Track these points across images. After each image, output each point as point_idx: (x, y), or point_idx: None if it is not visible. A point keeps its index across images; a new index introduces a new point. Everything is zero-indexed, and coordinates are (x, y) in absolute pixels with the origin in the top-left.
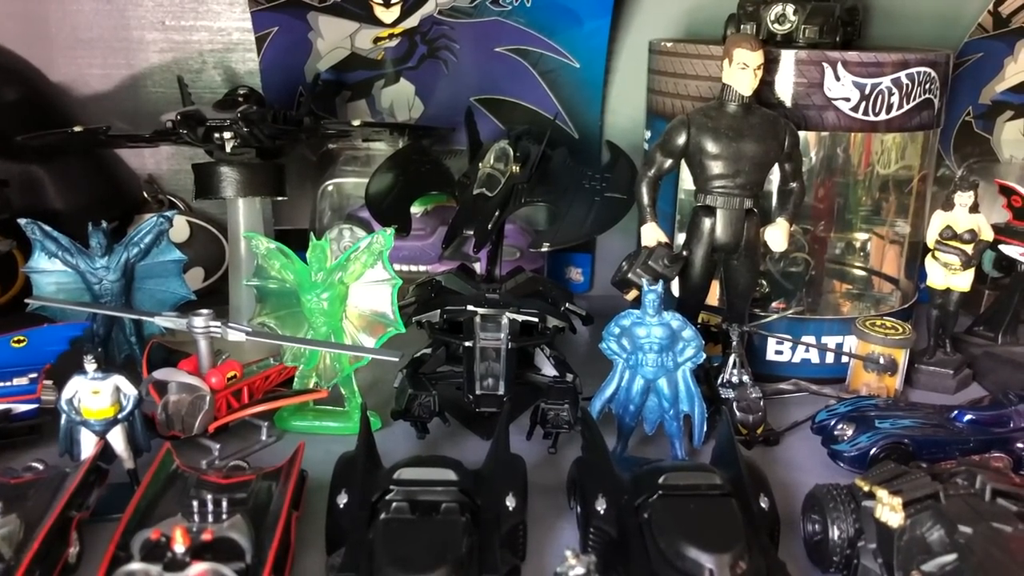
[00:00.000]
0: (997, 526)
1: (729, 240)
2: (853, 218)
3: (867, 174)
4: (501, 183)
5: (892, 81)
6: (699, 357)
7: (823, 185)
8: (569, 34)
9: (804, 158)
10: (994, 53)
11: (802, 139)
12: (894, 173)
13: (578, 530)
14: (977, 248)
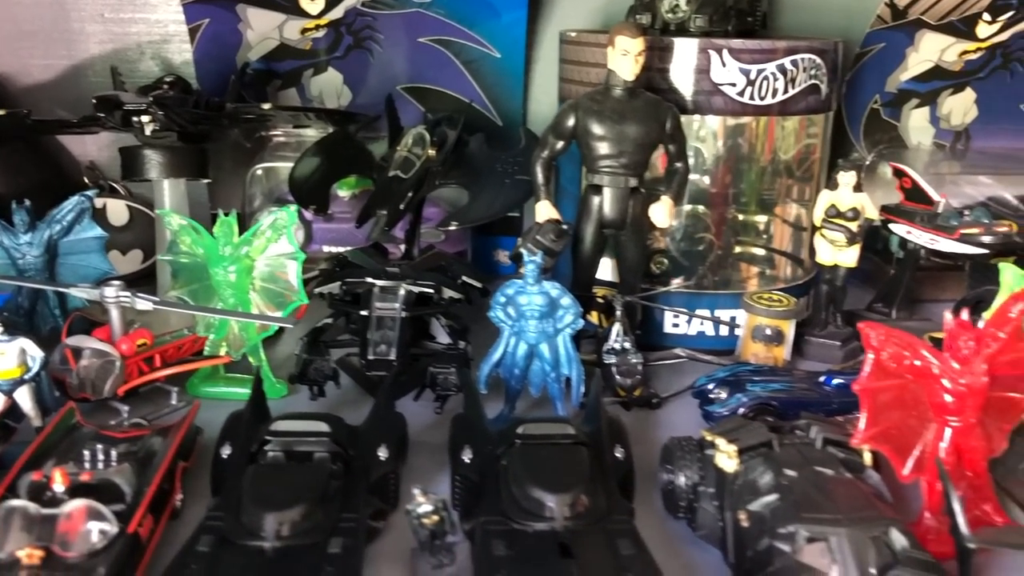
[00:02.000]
0: (820, 470)
1: (616, 217)
2: (754, 200)
3: (769, 158)
4: (416, 166)
5: (777, 67)
6: (577, 323)
7: (727, 168)
8: (488, 25)
9: (712, 144)
10: (895, 43)
11: (709, 125)
12: (793, 156)
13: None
14: (862, 226)
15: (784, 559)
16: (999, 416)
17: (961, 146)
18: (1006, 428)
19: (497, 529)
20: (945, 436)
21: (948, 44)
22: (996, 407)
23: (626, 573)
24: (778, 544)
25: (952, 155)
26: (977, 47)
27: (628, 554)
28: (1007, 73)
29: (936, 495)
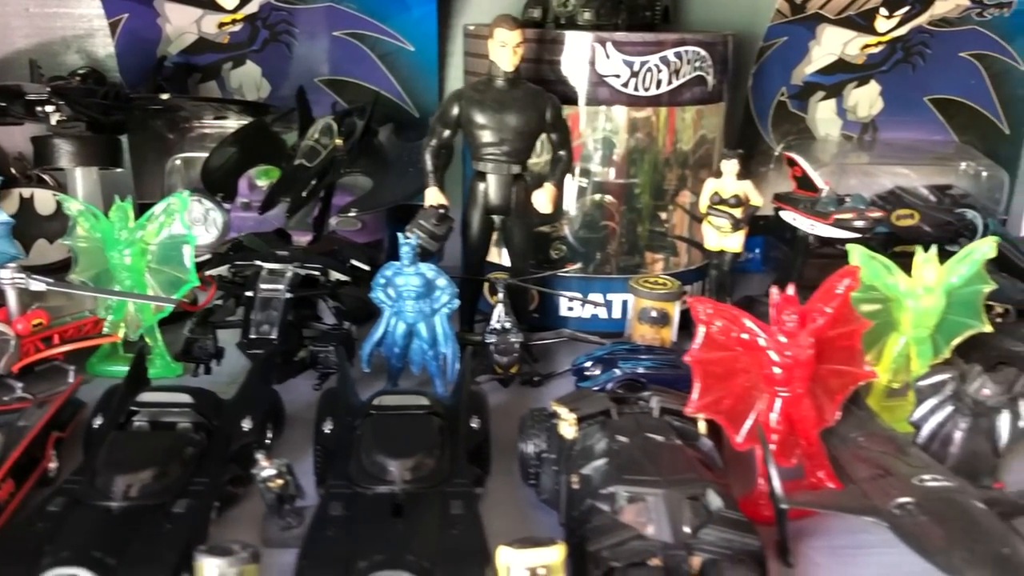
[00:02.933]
0: (651, 436)
1: (500, 202)
2: (651, 189)
3: (665, 147)
4: (321, 155)
5: (660, 59)
6: (453, 303)
7: (625, 158)
8: (400, 19)
9: (608, 133)
10: (798, 37)
11: (617, 117)
12: (689, 146)
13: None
14: (746, 212)
15: (602, 517)
16: (830, 387)
17: (868, 137)
18: (838, 399)
19: (338, 492)
20: (775, 406)
21: (849, 38)
22: (826, 379)
23: (450, 530)
24: (598, 504)
25: (860, 146)
26: (878, 41)
27: (456, 514)
28: (909, 67)
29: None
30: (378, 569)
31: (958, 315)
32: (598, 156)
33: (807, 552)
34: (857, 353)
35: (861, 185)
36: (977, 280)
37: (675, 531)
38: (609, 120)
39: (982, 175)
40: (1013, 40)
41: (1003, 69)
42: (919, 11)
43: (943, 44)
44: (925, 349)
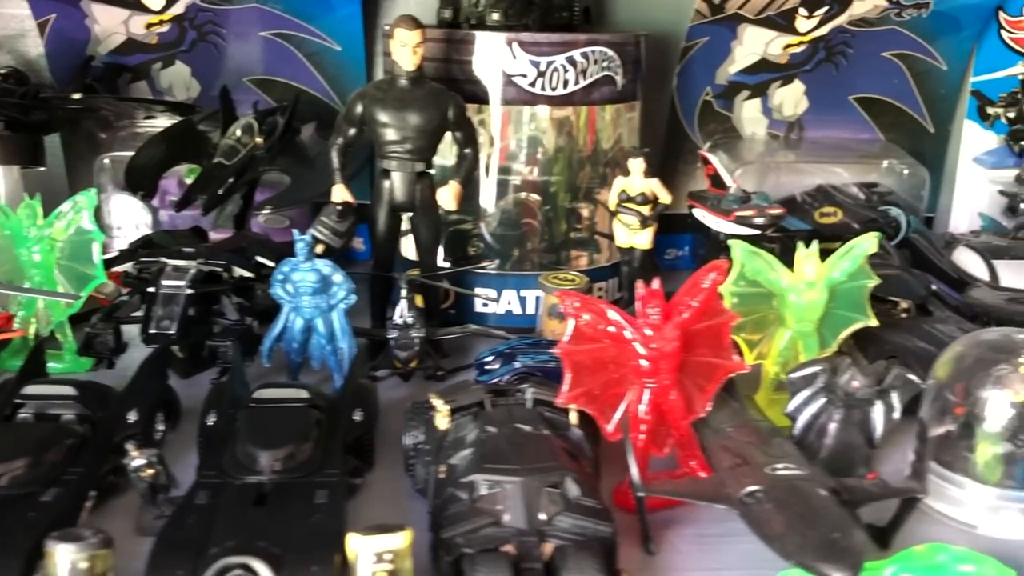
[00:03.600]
0: (519, 426)
1: (405, 199)
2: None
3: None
4: (240, 153)
5: (566, 59)
6: (350, 299)
7: (543, 157)
8: (325, 19)
9: (528, 134)
10: (719, 37)
11: (527, 116)
12: (606, 145)
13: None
14: (654, 210)
15: (459, 505)
16: (700, 379)
17: (795, 136)
18: (708, 390)
19: (207, 482)
20: (644, 398)
21: (771, 38)
22: (696, 371)
23: (309, 518)
24: (458, 492)
25: (787, 145)
26: (800, 41)
27: (320, 503)
28: (832, 66)
29: (639, 452)
30: (228, 555)
31: (844, 310)
32: (513, 154)
33: (673, 540)
34: (726, 346)
35: (789, 183)
36: (861, 275)
37: (530, 518)
38: (521, 119)
39: (903, 173)
40: (934, 40)
41: (925, 69)
42: (838, 11)
43: (865, 44)
44: (811, 343)
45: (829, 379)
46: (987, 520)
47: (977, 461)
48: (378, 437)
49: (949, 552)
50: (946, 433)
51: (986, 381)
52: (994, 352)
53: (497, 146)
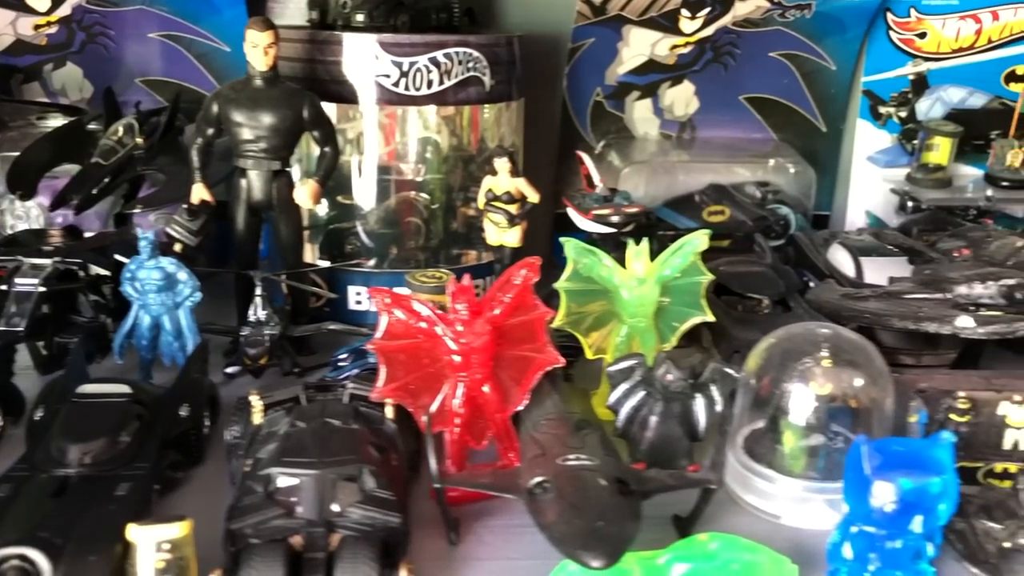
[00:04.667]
0: (329, 421)
1: (262, 198)
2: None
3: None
4: (119, 153)
5: (429, 60)
6: (195, 296)
7: (415, 155)
8: (212, 21)
9: (396, 133)
10: (605, 38)
11: (392, 116)
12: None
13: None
14: (522, 209)
15: (252, 497)
16: (516, 373)
17: (687, 136)
18: (525, 384)
19: (13, 475)
20: (458, 391)
21: (657, 39)
22: (512, 364)
23: (103, 509)
24: (254, 485)
25: (679, 145)
26: (686, 41)
27: (120, 495)
28: (721, 66)
29: (455, 445)
30: (7, 546)
31: (680, 305)
32: (385, 153)
33: (479, 530)
34: (541, 340)
35: (682, 182)
36: (694, 272)
37: (321, 510)
38: (388, 119)
39: (791, 171)
40: (820, 40)
41: (814, 69)
42: (721, 12)
43: (751, 44)
44: (648, 338)
45: (646, 372)
46: (791, 511)
47: (783, 453)
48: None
49: (722, 540)
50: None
51: (791, 374)
52: (799, 346)
53: (368, 146)
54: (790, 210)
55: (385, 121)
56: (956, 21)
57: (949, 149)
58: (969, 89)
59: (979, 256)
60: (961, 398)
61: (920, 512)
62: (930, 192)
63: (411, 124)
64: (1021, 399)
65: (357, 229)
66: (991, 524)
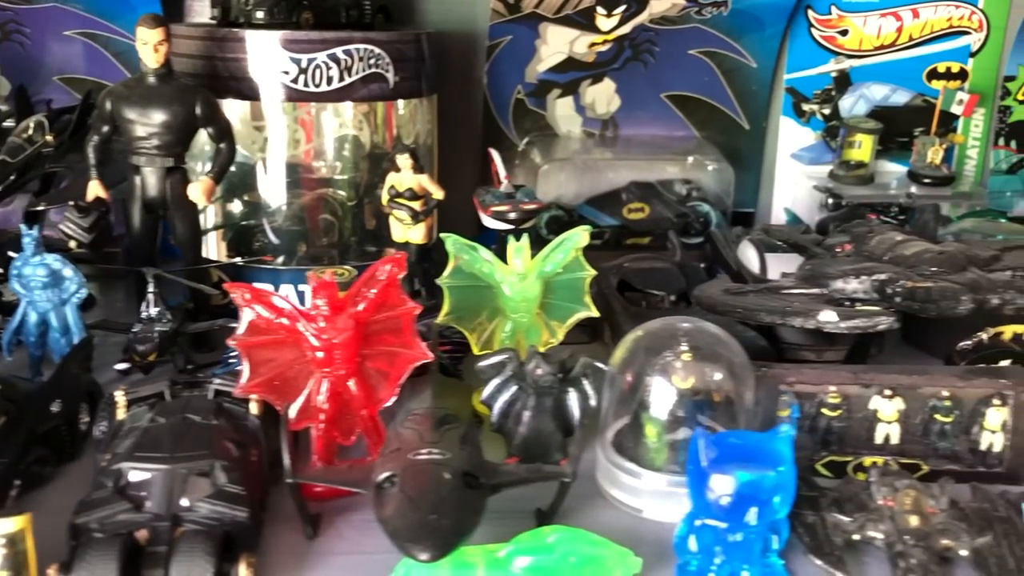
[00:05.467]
0: (189, 416)
1: (156, 195)
2: (354, 182)
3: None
4: (26, 151)
5: (328, 57)
6: (81, 293)
7: (322, 152)
8: (127, 19)
9: (302, 129)
10: (522, 36)
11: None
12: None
13: None
14: (426, 205)
15: (101, 492)
16: (383, 368)
17: (609, 134)
18: (393, 379)
19: None
20: (322, 387)
21: (575, 36)
22: (378, 361)
23: None
24: (105, 479)
25: (603, 143)
26: (604, 39)
27: None
28: (641, 64)
29: (322, 440)
30: None
31: (565, 301)
32: (292, 150)
33: (340, 525)
34: (409, 335)
35: (605, 180)
36: (577, 268)
37: (169, 504)
38: (291, 116)
39: (709, 168)
40: (739, 38)
41: (735, 66)
42: (637, 10)
43: (670, 42)
44: (533, 333)
45: (517, 367)
46: (652, 505)
47: (647, 447)
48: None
49: (562, 533)
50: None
51: (652, 368)
52: (660, 340)
53: (272, 143)
54: (711, 207)
55: (289, 118)
56: (877, 18)
57: (870, 146)
58: (892, 86)
59: (860, 251)
60: (832, 392)
61: (756, 504)
62: (852, 189)
63: (318, 121)
64: (891, 393)
65: (264, 226)
66: (841, 517)
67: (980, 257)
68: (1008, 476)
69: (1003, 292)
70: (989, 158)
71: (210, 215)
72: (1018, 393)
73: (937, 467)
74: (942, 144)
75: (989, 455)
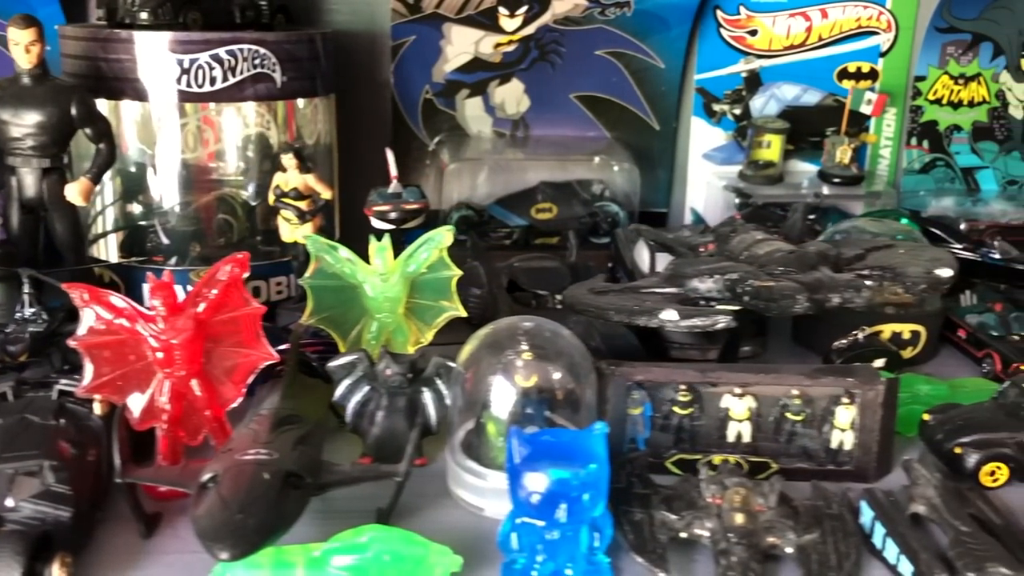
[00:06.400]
0: (28, 417)
1: (33, 196)
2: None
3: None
4: None
5: (211, 57)
6: None
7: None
8: None
9: (189, 129)
10: (426, 36)
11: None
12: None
13: None
14: (313, 205)
15: None
16: (228, 369)
17: (520, 134)
18: (238, 380)
19: None
20: (164, 388)
21: (479, 37)
22: (223, 362)
23: None
24: None
25: (514, 143)
26: (509, 40)
27: None
28: (548, 64)
29: (166, 441)
30: None
31: (433, 300)
32: (185, 150)
33: (178, 524)
34: (254, 336)
35: (516, 180)
36: (441, 267)
37: None
38: (177, 116)
39: (614, 169)
40: (645, 38)
41: (643, 67)
42: (540, 10)
43: (576, 43)
44: (400, 332)
45: (368, 367)
46: (493, 504)
47: (488, 446)
48: None
49: (376, 532)
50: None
51: (494, 368)
52: (502, 340)
53: (161, 143)
54: (619, 208)
55: (180, 118)
56: (786, 19)
57: (779, 146)
58: (803, 86)
59: (722, 251)
60: (682, 390)
61: (565, 502)
62: (762, 189)
63: (214, 121)
64: (742, 392)
65: (156, 227)
66: (669, 515)
67: (844, 256)
68: (857, 474)
69: (843, 291)
70: (902, 158)
71: (109, 217)
72: (865, 391)
73: (788, 465)
74: (851, 144)
75: (840, 453)
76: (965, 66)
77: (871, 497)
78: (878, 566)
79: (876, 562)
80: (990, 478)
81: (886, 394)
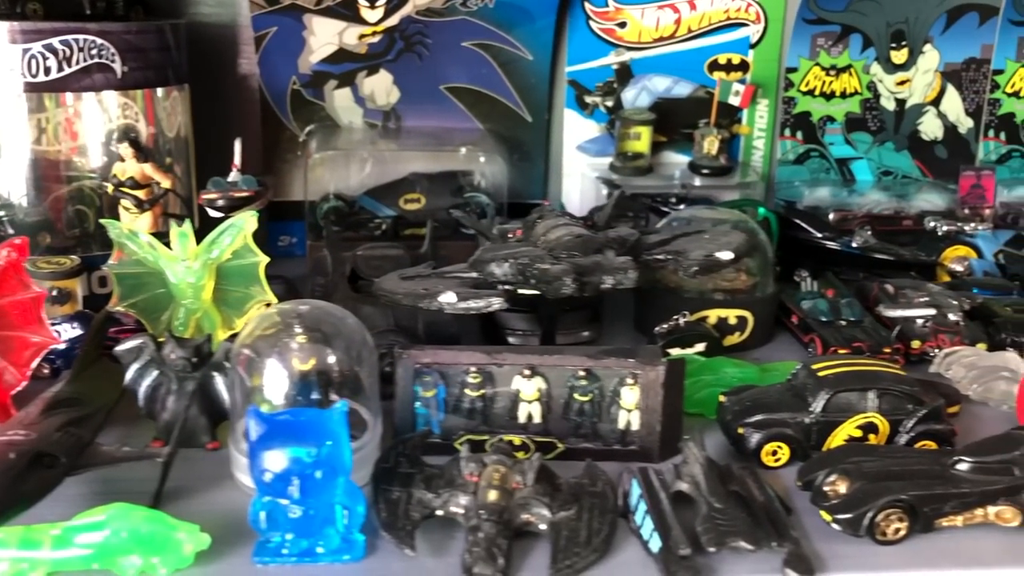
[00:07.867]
0: None
1: None
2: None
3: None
4: None
5: (44, 47)
6: None
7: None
8: None
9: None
10: (287, 27)
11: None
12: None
13: None
14: (151, 194)
15: None
16: (12, 355)
17: (392, 125)
18: (22, 364)
19: None
20: None
21: (342, 28)
22: (6, 347)
23: None
24: None
25: (386, 133)
26: (373, 31)
27: None
28: (415, 56)
29: None
30: None
31: (241, 287)
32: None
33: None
34: (36, 321)
35: (388, 171)
36: (246, 253)
37: None
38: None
39: (481, 160)
40: (510, 30)
41: (511, 59)
42: (401, 1)
43: (442, 34)
44: (208, 319)
45: (155, 352)
46: None
47: None
48: None
49: (116, 510)
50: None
51: (270, 351)
52: (277, 322)
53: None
54: (487, 198)
55: (25, 107)
56: (655, 11)
57: (648, 137)
58: (674, 78)
59: (527, 237)
60: (472, 372)
61: (299, 479)
62: (632, 180)
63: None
64: (530, 373)
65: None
66: (426, 493)
67: (647, 242)
68: (642, 454)
69: (615, 274)
70: (776, 148)
71: None
72: (646, 372)
73: (575, 445)
74: (719, 135)
75: (628, 433)
76: (836, 57)
77: (642, 476)
78: (635, 543)
79: (634, 539)
80: (772, 458)
81: (667, 375)
